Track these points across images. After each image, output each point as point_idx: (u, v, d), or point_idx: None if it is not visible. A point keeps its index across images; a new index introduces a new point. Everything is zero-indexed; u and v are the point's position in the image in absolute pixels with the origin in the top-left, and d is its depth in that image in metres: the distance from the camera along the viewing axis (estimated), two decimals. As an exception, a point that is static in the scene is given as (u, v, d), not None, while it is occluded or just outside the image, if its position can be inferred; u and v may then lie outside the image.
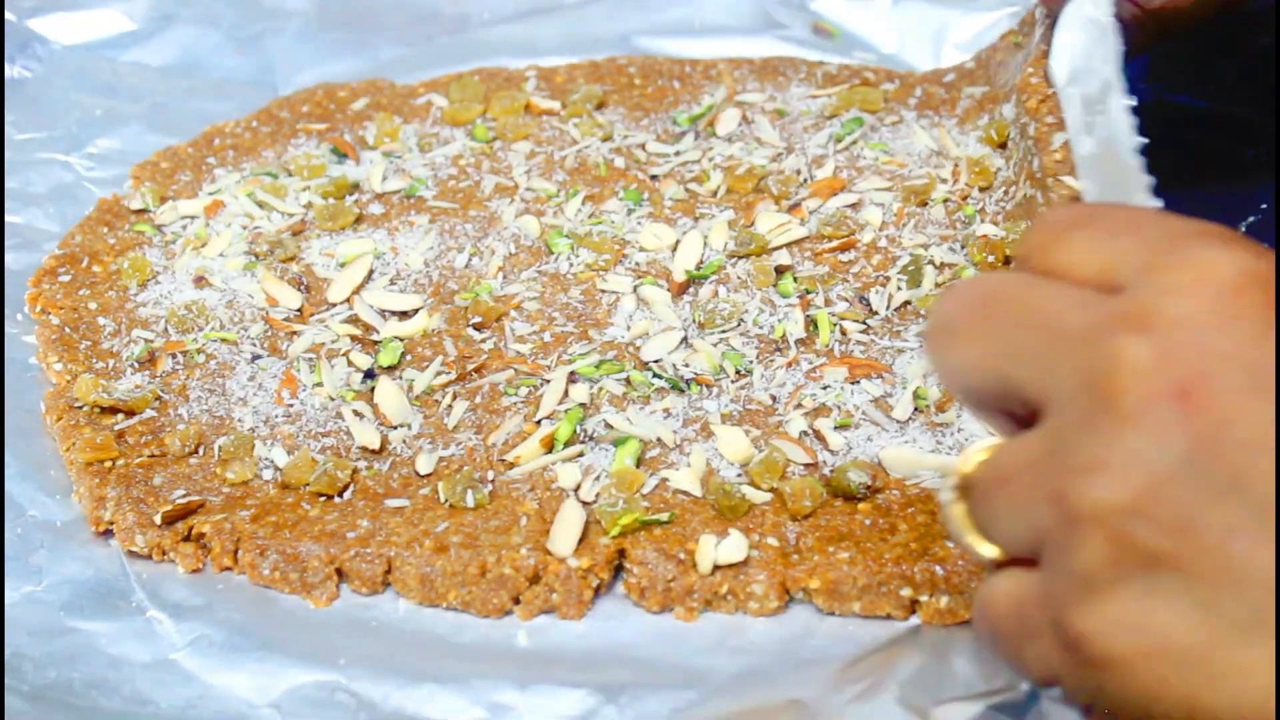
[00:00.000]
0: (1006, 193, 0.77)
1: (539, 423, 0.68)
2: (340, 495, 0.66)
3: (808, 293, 0.74)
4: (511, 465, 0.66)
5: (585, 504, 0.64)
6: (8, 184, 0.86)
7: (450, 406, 0.70)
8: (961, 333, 0.45)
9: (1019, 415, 0.45)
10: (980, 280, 0.46)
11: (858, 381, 0.69)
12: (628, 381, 0.70)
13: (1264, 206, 0.76)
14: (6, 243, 0.82)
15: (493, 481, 0.66)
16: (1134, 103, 0.52)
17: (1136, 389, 0.39)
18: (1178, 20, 0.72)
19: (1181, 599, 0.39)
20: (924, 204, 0.79)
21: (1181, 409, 0.39)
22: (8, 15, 0.96)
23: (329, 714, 0.58)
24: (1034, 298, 0.44)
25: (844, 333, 0.72)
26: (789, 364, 0.70)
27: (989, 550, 0.46)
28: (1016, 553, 0.45)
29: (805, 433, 0.67)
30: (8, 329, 0.77)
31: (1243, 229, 0.75)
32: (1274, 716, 0.39)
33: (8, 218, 0.84)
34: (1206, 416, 0.39)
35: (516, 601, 0.62)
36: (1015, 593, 0.45)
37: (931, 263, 0.75)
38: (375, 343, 0.73)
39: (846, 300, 0.73)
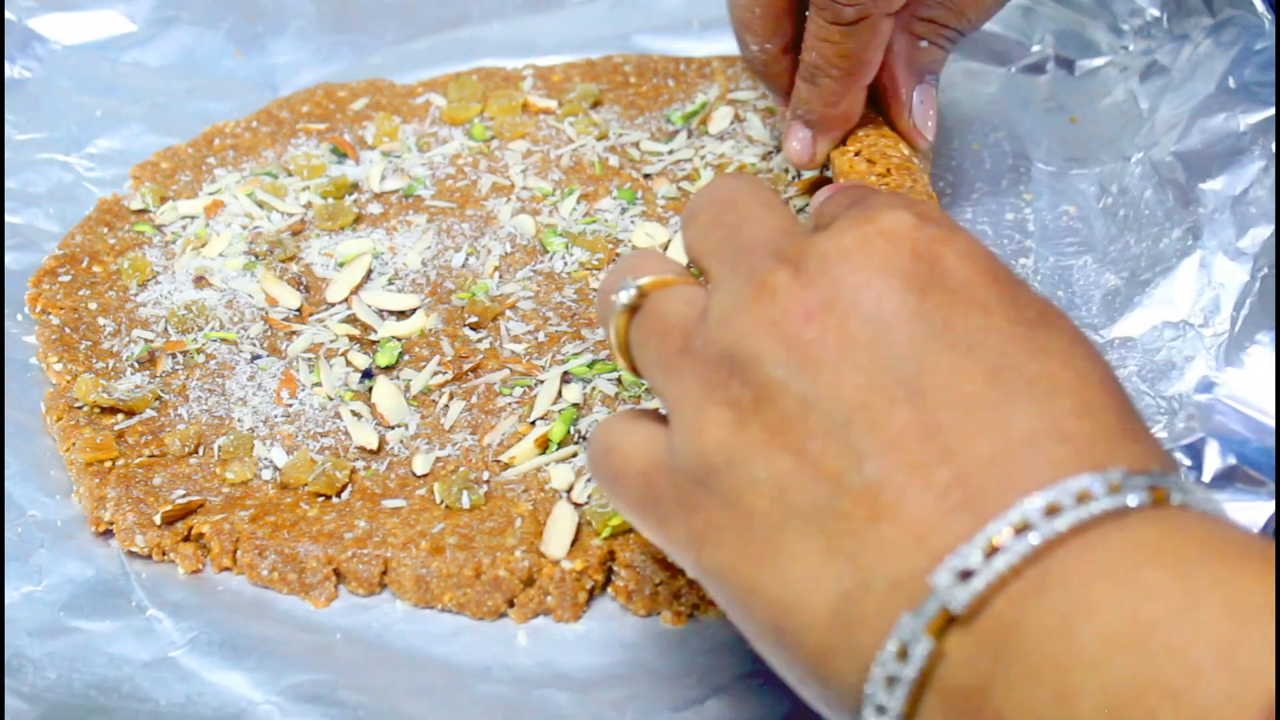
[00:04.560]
0: None
1: (533, 423, 0.68)
2: (338, 495, 0.66)
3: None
4: (506, 466, 0.67)
5: (578, 505, 0.64)
6: (8, 184, 0.86)
7: (447, 407, 0.70)
8: (697, 219, 0.51)
9: None
10: (731, 184, 0.52)
11: None
12: (620, 381, 0.70)
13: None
14: (6, 243, 0.82)
15: (488, 482, 0.66)
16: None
17: (774, 306, 0.44)
18: None
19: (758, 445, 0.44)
20: None
21: (803, 325, 0.43)
22: (8, 15, 0.96)
23: (329, 711, 0.58)
24: (756, 214, 0.49)
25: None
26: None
27: (629, 374, 0.51)
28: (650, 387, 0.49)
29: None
30: (8, 329, 0.77)
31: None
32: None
33: (8, 218, 0.84)
34: (818, 334, 0.43)
35: (511, 604, 0.63)
36: (647, 449, 0.48)
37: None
38: (373, 342, 0.74)
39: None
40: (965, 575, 0.38)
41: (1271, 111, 0.77)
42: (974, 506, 0.39)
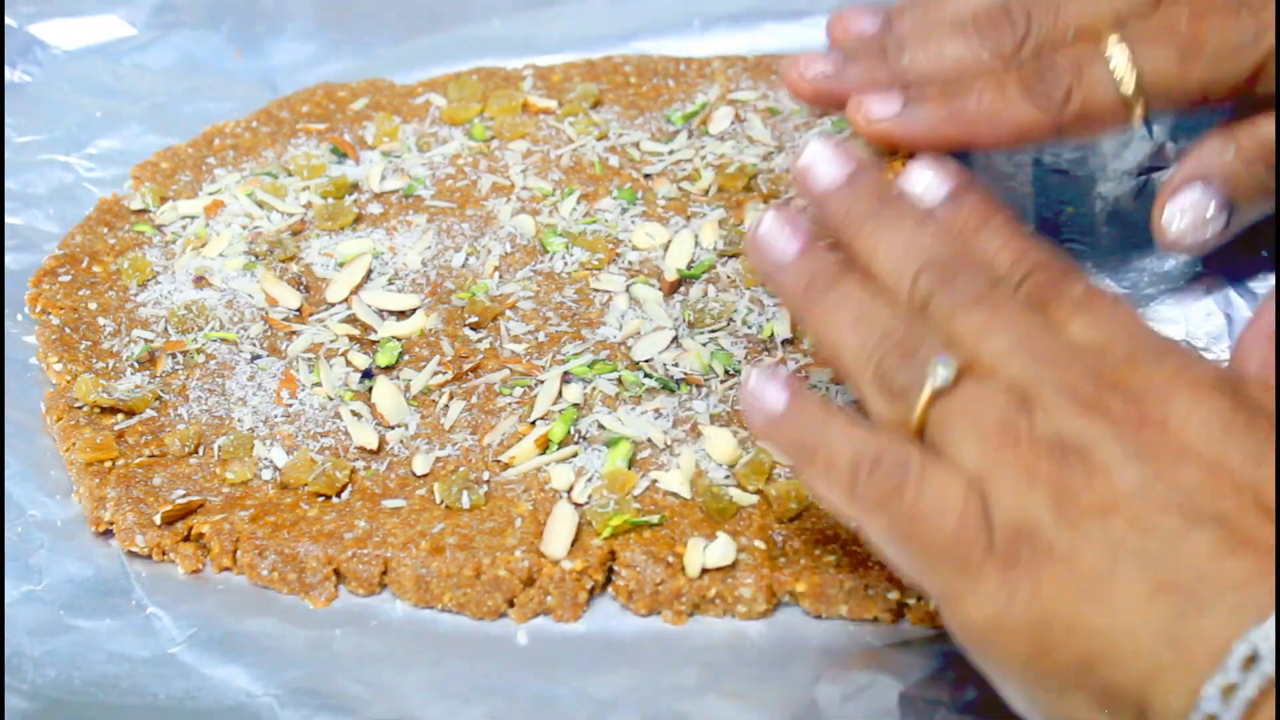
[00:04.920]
0: None
1: (533, 423, 0.68)
2: (338, 495, 0.66)
3: (796, 292, 0.74)
4: (506, 466, 0.67)
5: (578, 505, 0.64)
6: (8, 185, 0.87)
7: (447, 407, 0.70)
8: (977, 312, 0.53)
9: None
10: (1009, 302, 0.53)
11: (843, 382, 0.69)
12: (619, 381, 0.70)
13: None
14: (6, 243, 0.83)
15: (488, 482, 0.66)
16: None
17: (1115, 407, 0.48)
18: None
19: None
20: None
21: (1140, 427, 0.48)
22: (8, 20, 0.96)
23: (327, 705, 0.58)
24: (1057, 348, 0.51)
25: (831, 333, 0.72)
26: (777, 364, 0.70)
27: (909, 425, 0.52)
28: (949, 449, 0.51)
29: (790, 435, 0.67)
30: (8, 329, 0.77)
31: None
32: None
33: (8, 218, 0.84)
34: (1154, 436, 0.47)
35: (511, 604, 0.63)
36: (958, 498, 0.49)
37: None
38: (373, 342, 0.74)
39: (833, 299, 0.74)
40: None
41: None
42: None
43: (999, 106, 0.67)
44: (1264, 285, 0.73)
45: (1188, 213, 0.69)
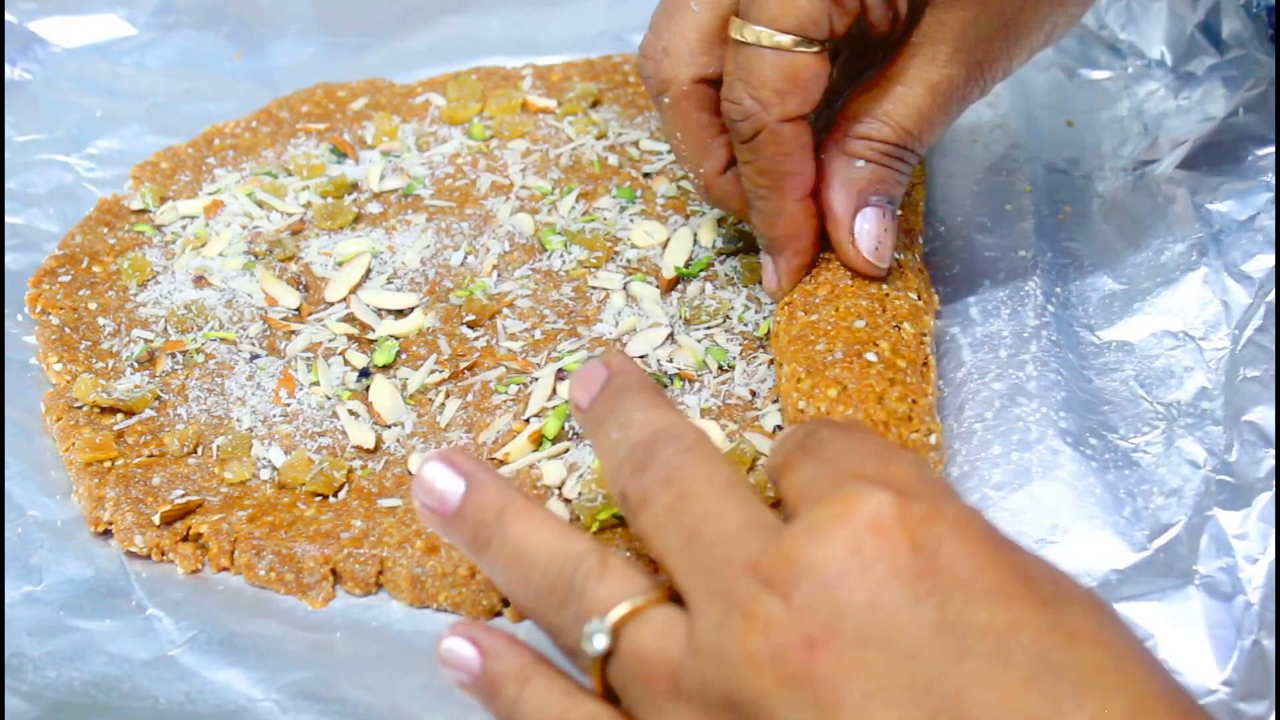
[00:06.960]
0: None
1: (528, 420, 0.68)
2: (335, 495, 0.66)
3: (794, 290, 0.74)
4: (501, 463, 0.67)
5: (568, 501, 0.64)
6: (8, 185, 0.87)
7: (443, 405, 0.70)
8: (649, 507, 0.47)
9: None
10: (679, 464, 0.47)
11: None
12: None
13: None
14: (6, 243, 0.83)
15: (483, 480, 0.66)
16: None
17: (768, 639, 0.41)
18: None
19: None
20: None
21: (806, 657, 0.40)
22: (8, 17, 0.96)
23: (328, 708, 0.58)
24: (714, 508, 0.45)
25: (828, 330, 0.72)
26: (771, 360, 0.70)
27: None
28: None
29: (779, 427, 0.67)
30: (8, 329, 0.77)
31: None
32: None
33: (8, 218, 0.84)
34: (828, 667, 0.40)
35: (506, 603, 0.63)
36: None
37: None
38: (371, 341, 0.74)
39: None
40: None
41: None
42: None
43: (755, 176, 0.64)
44: (1259, 269, 0.73)
45: (883, 238, 0.66)
